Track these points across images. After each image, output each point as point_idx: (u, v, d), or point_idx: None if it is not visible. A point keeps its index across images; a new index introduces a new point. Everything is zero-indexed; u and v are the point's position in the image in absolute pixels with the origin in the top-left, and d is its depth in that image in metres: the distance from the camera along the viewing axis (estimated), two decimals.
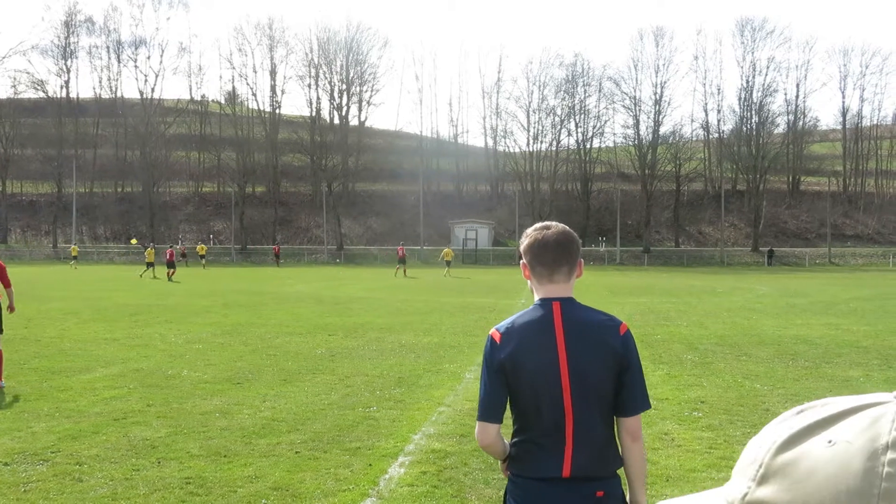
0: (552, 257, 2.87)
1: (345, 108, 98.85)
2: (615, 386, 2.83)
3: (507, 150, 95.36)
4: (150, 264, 45.39)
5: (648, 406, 2.91)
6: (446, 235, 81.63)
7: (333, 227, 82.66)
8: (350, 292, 31.27)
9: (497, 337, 2.90)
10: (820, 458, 0.66)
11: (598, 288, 36.14)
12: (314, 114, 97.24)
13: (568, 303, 2.88)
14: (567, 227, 2.96)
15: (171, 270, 43.90)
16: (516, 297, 29.21)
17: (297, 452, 7.21)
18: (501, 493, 6.07)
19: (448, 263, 51.73)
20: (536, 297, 2.94)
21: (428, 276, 48.73)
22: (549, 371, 2.80)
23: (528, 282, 2.99)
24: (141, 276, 44.34)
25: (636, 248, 79.21)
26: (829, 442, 0.67)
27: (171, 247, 50.57)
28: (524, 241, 2.94)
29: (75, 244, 73.20)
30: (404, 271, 48.96)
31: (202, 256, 63.24)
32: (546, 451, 2.82)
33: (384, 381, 10.99)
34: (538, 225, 2.97)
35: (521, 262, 2.97)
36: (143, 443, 7.50)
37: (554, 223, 2.96)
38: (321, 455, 7.13)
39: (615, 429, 2.92)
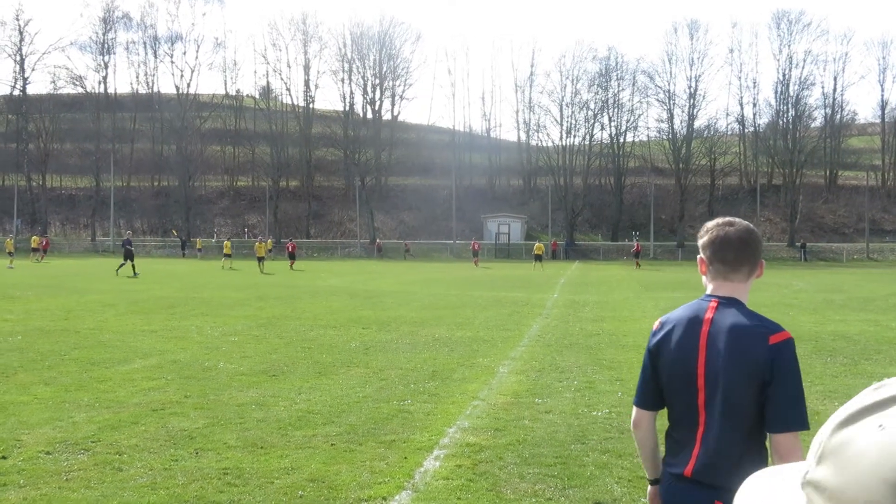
0: (734, 256, 2.76)
1: (378, 103, 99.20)
2: (758, 397, 2.65)
3: (539, 144, 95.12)
4: (260, 258, 44.75)
5: (801, 426, 2.61)
6: (479, 230, 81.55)
7: (366, 220, 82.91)
8: (383, 286, 31.37)
9: (656, 325, 2.89)
10: (868, 442, 0.62)
11: (631, 282, 35.94)
12: (347, 108, 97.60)
13: (727, 303, 2.76)
14: (751, 225, 2.84)
15: (292, 261, 47.91)
16: (549, 291, 29.13)
17: (332, 445, 7.25)
18: (536, 486, 6.09)
19: (538, 258, 52.32)
20: (705, 293, 2.87)
21: (475, 269, 48.76)
22: (685, 369, 2.76)
23: (703, 277, 2.89)
24: (261, 272, 42.76)
25: (670, 243, 78.57)
26: (880, 426, 0.63)
27: (290, 240, 52.86)
28: (704, 237, 2.83)
29: (228, 240, 61.67)
30: (476, 262, 56.30)
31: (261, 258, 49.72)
32: (679, 446, 2.80)
33: (418, 374, 11.02)
34: (720, 220, 2.84)
35: (699, 256, 2.87)
36: (182, 433, 7.59)
37: (737, 220, 2.83)
38: (356, 447, 7.17)
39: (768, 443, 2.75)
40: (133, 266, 37.60)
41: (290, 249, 50.38)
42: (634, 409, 2.96)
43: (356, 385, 10.17)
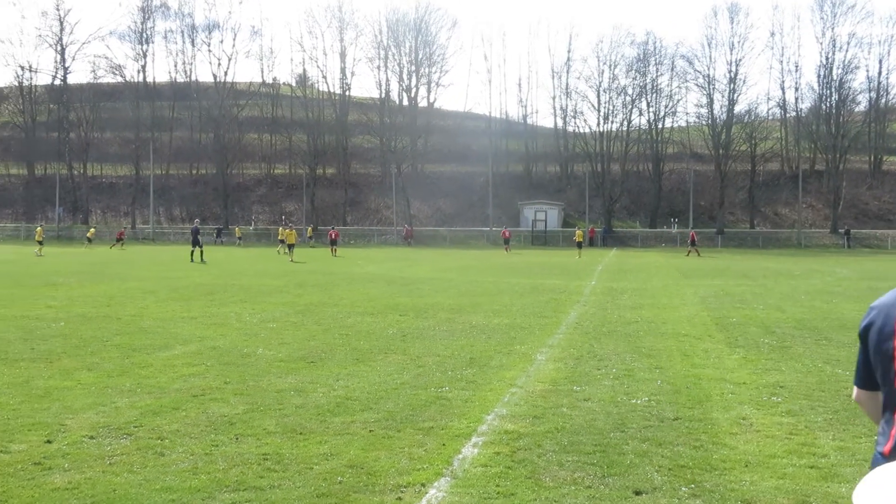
0: None
1: (414, 90, 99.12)
2: None
3: (576, 130, 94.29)
4: (290, 246, 43.71)
5: None
6: (515, 217, 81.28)
7: (403, 208, 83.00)
8: (419, 273, 31.41)
9: (867, 310, 2.94)
10: None
11: (670, 269, 35.61)
12: (383, 95, 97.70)
13: None
14: None
15: (334, 248, 49.98)
16: (587, 278, 28.96)
17: (371, 431, 7.27)
18: (575, 474, 6.06)
19: (579, 245, 52.30)
20: None
21: (511, 256, 48.69)
22: (884, 354, 2.78)
23: None
24: (291, 260, 41.23)
25: (709, 230, 77.63)
26: None
27: (333, 227, 54.80)
28: None
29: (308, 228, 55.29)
30: (507, 249, 56.79)
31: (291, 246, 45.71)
32: (886, 426, 2.82)
33: (455, 361, 11.01)
34: None
35: None
36: (222, 419, 7.65)
37: None
38: (395, 434, 7.18)
39: None
40: (194, 253, 39.53)
41: (333, 237, 51.78)
42: (854, 387, 3.01)
43: (394, 372, 10.19)
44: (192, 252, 39.62)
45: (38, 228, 51.71)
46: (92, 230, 65.34)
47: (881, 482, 0.75)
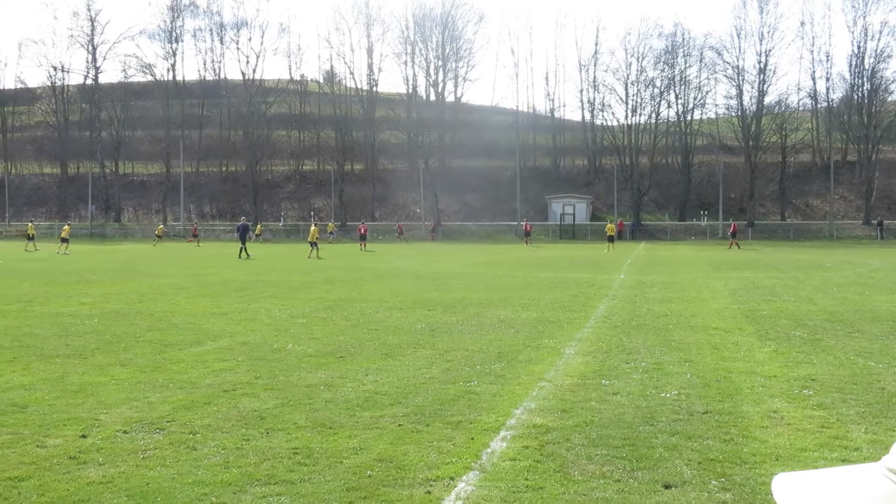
0: None
1: (441, 85, 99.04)
2: None
3: (604, 123, 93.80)
4: (312, 243, 42.37)
5: None
6: (543, 211, 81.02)
7: (431, 203, 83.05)
8: (447, 268, 31.44)
9: None
10: None
11: (699, 262, 35.35)
12: (410, 91, 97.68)
13: None
14: None
15: (363, 243, 51.35)
16: (615, 272, 28.83)
17: (399, 425, 7.30)
18: (604, 468, 6.04)
19: (611, 239, 49.74)
20: None
21: (539, 251, 48.59)
22: None
23: None
24: (308, 256, 40.41)
25: (740, 222, 76.89)
26: None
27: (362, 222, 57.44)
28: None
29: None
30: (528, 242, 58.66)
31: (312, 244, 43.67)
32: None
33: (484, 356, 11.02)
34: None
35: None
36: (253, 414, 7.73)
37: None
38: (423, 428, 7.21)
39: None
40: (243, 249, 40.68)
41: (362, 231, 52.65)
42: None
43: (422, 366, 10.22)
44: (242, 248, 40.72)
45: (66, 227, 52.07)
46: (161, 227, 66.81)
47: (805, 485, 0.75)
